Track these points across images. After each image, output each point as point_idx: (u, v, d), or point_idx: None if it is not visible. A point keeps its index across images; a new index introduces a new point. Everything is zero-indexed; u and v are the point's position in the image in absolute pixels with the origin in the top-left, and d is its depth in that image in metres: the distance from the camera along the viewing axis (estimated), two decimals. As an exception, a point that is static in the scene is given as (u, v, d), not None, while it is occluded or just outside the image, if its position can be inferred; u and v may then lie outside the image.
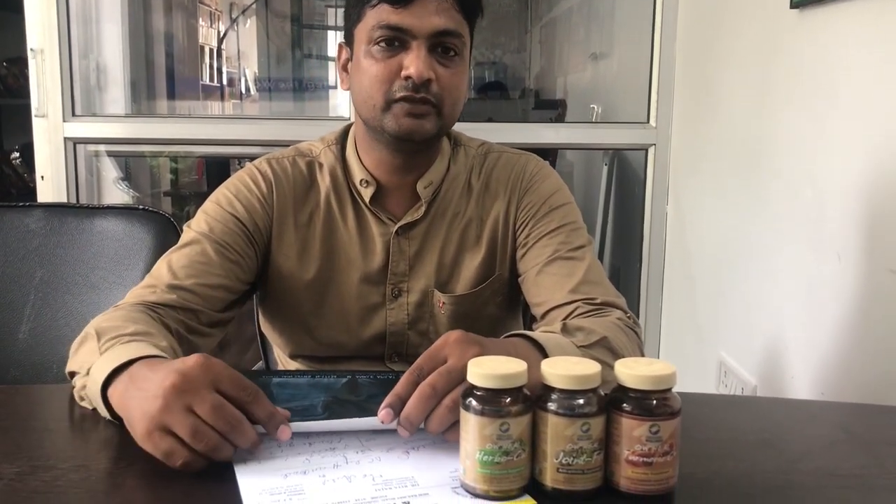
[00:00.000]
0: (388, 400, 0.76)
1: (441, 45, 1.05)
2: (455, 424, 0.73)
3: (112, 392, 0.80)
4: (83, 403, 0.88)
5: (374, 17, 1.04)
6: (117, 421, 0.81)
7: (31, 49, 2.24)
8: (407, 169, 1.15)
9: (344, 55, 1.13)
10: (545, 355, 0.83)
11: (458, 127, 1.26)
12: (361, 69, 1.07)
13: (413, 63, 1.02)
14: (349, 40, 1.11)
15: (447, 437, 0.75)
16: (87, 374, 0.85)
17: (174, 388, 0.72)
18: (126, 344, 0.86)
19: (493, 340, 0.82)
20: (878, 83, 1.28)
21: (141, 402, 0.74)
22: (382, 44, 1.04)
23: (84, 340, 0.92)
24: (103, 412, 0.82)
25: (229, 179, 1.18)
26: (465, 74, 1.10)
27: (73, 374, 0.91)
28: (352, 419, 0.80)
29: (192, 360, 0.75)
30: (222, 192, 1.16)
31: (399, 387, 0.76)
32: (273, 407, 0.76)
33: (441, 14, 1.03)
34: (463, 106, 1.12)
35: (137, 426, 0.74)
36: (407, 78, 1.03)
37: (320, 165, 1.18)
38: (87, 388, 0.85)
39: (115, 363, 0.81)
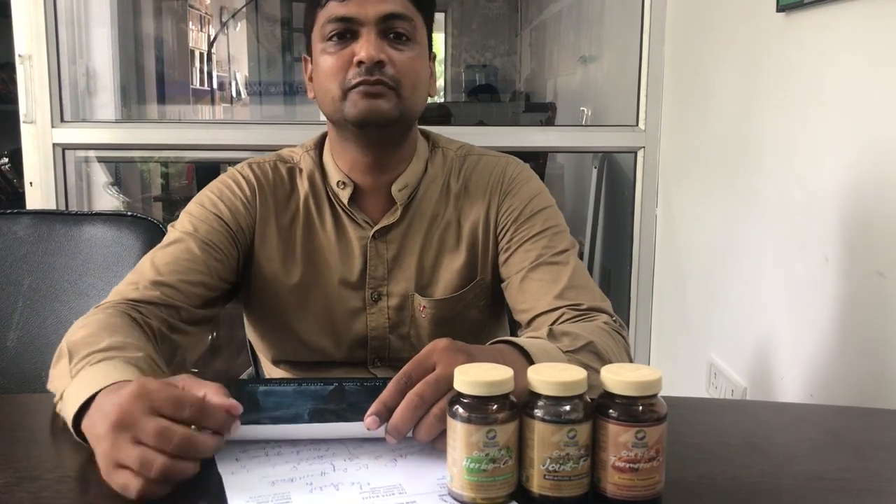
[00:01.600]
0: (374, 408, 0.76)
1: (392, 31, 1.07)
2: (444, 433, 0.72)
3: (84, 425, 0.78)
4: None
5: (324, 16, 1.07)
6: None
7: (19, 55, 2.22)
8: (380, 168, 1.15)
9: (309, 67, 1.15)
10: (532, 362, 0.83)
11: (448, 131, 1.26)
12: (319, 68, 1.10)
13: (363, 48, 1.05)
14: (309, 50, 1.14)
15: (436, 445, 0.75)
16: (62, 398, 0.84)
17: (116, 425, 0.70)
18: (94, 365, 0.84)
19: (480, 348, 0.82)
20: (865, 85, 1.29)
21: (98, 443, 0.73)
22: (334, 38, 1.07)
23: (59, 358, 0.90)
24: (77, 439, 0.80)
25: (212, 183, 1.19)
26: (423, 60, 1.12)
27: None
28: (338, 424, 0.79)
29: (128, 390, 0.72)
30: (206, 195, 1.16)
31: (385, 395, 0.76)
32: (221, 410, 0.73)
33: (387, 0, 1.06)
34: (426, 94, 1.14)
35: (101, 467, 0.72)
36: (359, 63, 1.05)
37: (300, 171, 1.19)
38: (64, 413, 0.83)
39: (84, 396, 0.79)
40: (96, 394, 0.78)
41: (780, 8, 1.53)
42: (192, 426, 0.72)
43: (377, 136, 1.10)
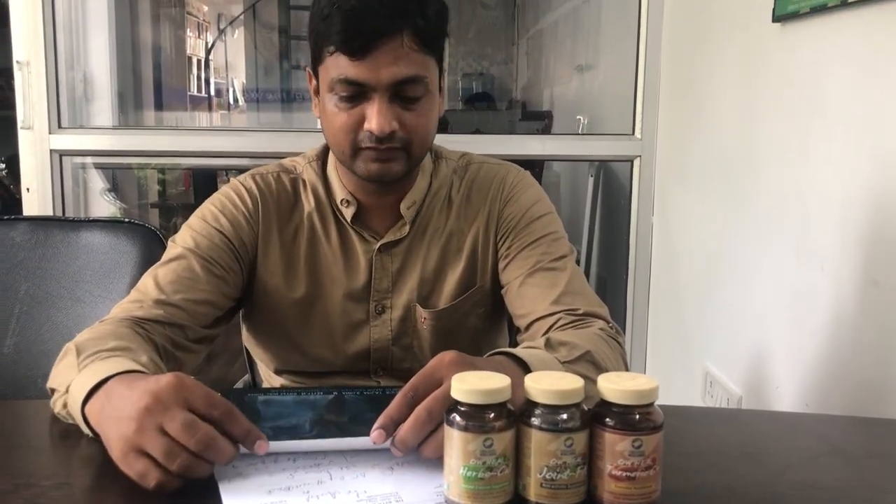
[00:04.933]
0: (380, 421, 0.76)
1: (404, 93, 1.03)
2: None
3: (90, 409, 0.80)
4: (67, 420, 0.88)
5: (334, 67, 1.02)
6: (98, 438, 0.80)
7: (17, 61, 2.23)
8: (386, 192, 1.15)
9: (313, 82, 1.12)
10: (529, 373, 0.83)
11: (445, 139, 1.26)
12: (327, 114, 1.07)
13: (374, 117, 1.01)
14: (315, 73, 1.09)
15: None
16: (67, 391, 0.84)
17: (146, 409, 0.72)
18: (104, 360, 0.86)
19: (485, 360, 0.83)
20: (861, 95, 1.29)
21: (117, 424, 0.74)
22: (344, 95, 1.03)
23: (64, 356, 0.91)
24: (85, 429, 0.82)
25: (214, 195, 1.18)
26: (435, 107, 1.09)
27: (53, 391, 0.90)
28: (342, 439, 0.79)
29: (165, 379, 0.74)
30: (207, 208, 1.16)
31: (392, 409, 0.76)
32: (247, 422, 0.75)
33: (400, 62, 1.00)
34: (435, 132, 1.12)
35: (114, 448, 0.74)
36: (370, 131, 1.03)
37: (304, 182, 1.18)
38: (69, 406, 0.84)
39: (94, 380, 0.80)
40: (106, 381, 0.79)
41: (777, 18, 1.54)
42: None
43: (382, 186, 1.11)
